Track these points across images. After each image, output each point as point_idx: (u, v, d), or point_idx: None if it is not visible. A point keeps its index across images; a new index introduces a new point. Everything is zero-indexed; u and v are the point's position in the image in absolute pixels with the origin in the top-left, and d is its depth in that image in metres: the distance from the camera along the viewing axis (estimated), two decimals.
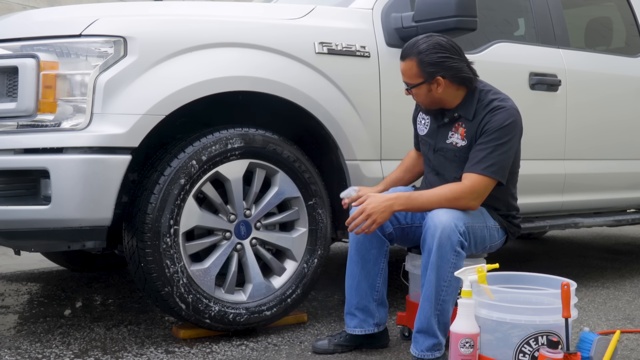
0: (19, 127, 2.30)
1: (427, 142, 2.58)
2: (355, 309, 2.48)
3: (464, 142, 2.43)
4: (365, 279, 2.46)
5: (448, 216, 2.24)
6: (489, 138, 2.32)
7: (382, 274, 2.48)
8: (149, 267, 2.40)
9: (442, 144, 2.49)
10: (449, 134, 2.47)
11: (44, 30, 2.38)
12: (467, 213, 2.32)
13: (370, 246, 2.44)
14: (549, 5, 3.55)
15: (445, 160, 2.49)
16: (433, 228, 2.24)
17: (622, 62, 3.85)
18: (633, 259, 4.66)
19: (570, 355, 2.01)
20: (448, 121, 2.47)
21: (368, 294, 2.47)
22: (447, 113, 2.47)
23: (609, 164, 3.71)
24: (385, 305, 2.53)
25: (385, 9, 2.93)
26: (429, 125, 2.57)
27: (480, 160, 2.31)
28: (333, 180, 2.83)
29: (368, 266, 2.45)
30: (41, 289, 3.52)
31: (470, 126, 2.41)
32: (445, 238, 2.21)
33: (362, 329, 2.48)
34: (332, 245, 2.87)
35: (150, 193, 2.40)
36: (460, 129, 2.44)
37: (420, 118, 2.63)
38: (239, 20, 2.62)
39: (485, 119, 2.36)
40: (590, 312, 3.13)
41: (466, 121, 2.42)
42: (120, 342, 2.58)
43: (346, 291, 2.50)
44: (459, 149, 2.44)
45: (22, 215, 2.26)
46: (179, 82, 2.39)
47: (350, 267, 2.48)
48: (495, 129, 2.32)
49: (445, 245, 2.22)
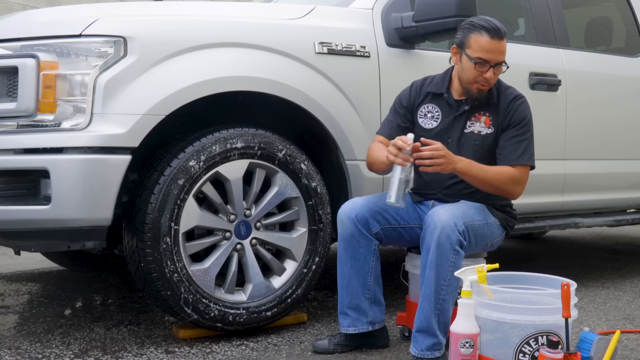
0: (19, 127, 2.30)
1: (437, 134, 2.51)
2: (348, 308, 2.47)
3: (489, 130, 2.49)
4: (355, 278, 2.45)
5: (448, 215, 2.26)
6: (524, 129, 2.47)
7: (372, 273, 2.46)
8: (149, 267, 2.40)
9: (459, 133, 2.50)
10: (468, 123, 2.50)
11: (44, 30, 2.38)
12: (468, 211, 2.34)
13: (357, 245, 2.43)
14: (549, 5, 3.55)
15: (460, 149, 2.48)
16: (432, 227, 2.25)
17: (622, 62, 3.85)
18: (633, 259, 4.66)
19: (570, 355, 2.01)
20: (468, 108, 2.49)
21: (359, 292, 2.46)
22: (465, 101, 2.50)
23: (609, 164, 3.70)
24: (380, 303, 2.51)
25: (385, 9, 2.93)
26: (440, 119, 2.54)
27: (524, 151, 2.45)
28: (333, 180, 2.83)
29: (357, 265, 2.44)
30: (41, 289, 3.52)
31: (494, 114, 2.49)
32: (444, 237, 2.22)
33: (356, 328, 2.47)
34: (332, 245, 2.87)
35: (150, 193, 2.40)
36: (482, 117, 2.49)
37: (425, 111, 2.57)
38: (239, 20, 2.62)
39: (511, 107, 2.48)
40: (590, 312, 3.13)
41: (490, 108, 2.49)
42: (120, 342, 2.58)
43: (338, 291, 2.50)
44: (483, 136, 2.49)
45: (22, 215, 2.27)
46: (179, 82, 2.39)
47: (340, 267, 2.47)
48: (525, 119, 2.48)
49: (444, 244, 2.23)
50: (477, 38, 2.40)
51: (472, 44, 2.41)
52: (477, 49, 2.40)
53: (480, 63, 2.40)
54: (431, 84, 2.59)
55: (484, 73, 2.41)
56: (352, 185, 2.78)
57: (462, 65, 2.46)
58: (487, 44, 2.39)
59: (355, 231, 2.41)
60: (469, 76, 2.44)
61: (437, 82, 2.58)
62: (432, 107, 2.56)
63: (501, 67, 2.44)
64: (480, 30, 2.40)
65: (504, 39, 2.42)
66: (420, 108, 2.58)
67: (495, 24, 2.41)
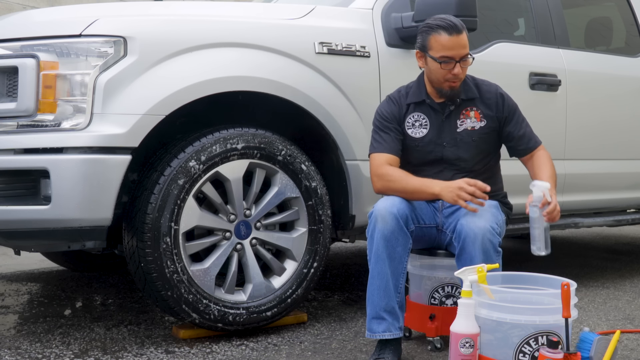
0: (19, 127, 2.30)
1: (430, 141, 2.49)
2: (384, 311, 2.31)
3: (482, 123, 2.52)
4: (391, 279, 2.31)
5: (483, 221, 2.28)
6: (520, 118, 2.57)
7: (404, 275, 2.35)
8: (149, 267, 2.40)
9: (453, 134, 2.50)
10: (458, 122, 2.51)
11: (44, 30, 2.38)
12: (492, 210, 2.37)
13: (396, 243, 2.30)
14: (549, 5, 3.55)
15: (458, 150, 2.50)
16: (473, 236, 2.26)
17: (622, 62, 3.85)
18: (633, 259, 4.66)
19: (570, 355, 2.01)
20: (454, 108, 2.50)
21: (393, 295, 2.32)
22: (447, 102, 2.50)
23: (609, 164, 3.70)
24: (404, 308, 2.40)
25: (385, 9, 2.93)
26: (428, 125, 2.51)
27: (531, 135, 2.58)
28: (333, 180, 2.83)
29: (393, 265, 2.31)
30: (41, 289, 3.52)
31: (482, 106, 2.52)
32: (487, 242, 2.26)
33: (391, 333, 2.31)
34: (332, 245, 2.87)
35: (150, 193, 2.40)
36: (471, 112, 2.51)
37: (412, 121, 2.52)
38: (238, 20, 2.62)
39: (499, 101, 2.53)
40: (590, 312, 3.13)
41: (475, 102, 2.51)
42: (120, 342, 2.58)
43: (372, 293, 2.32)
44: (477, 131, 2.51)
45: (22, 215, 2.27)
46: (179, 82, 2.39)
47: (378, 267, 2.30)
48: (516, 108, 2.57)
49: (489, 250, 2.27)
50: (437, 38, 2.40)
51: (433, 45, 2.41)
52: (438, 48, 2.40)
53: (445, 61, 2.40)
54: (409, 94, 2.54)
55: (452, 70, 2.40)
56: (352, 185, 2.78)
57: (429, 67, 2.46)
58: (447, 41, 2.39)
59: (396, 227, 2.29)
60: (438, 76, 2.43)
61: (415, 91, 2.54)
62: (417, 115, 2.52)
63: (467, 60, 2.43)
64: (437, 30, 2.41)
65: (463, 32, 2.41)
66: (406, 119, 2.52)
67: (451, 20, 2.41)
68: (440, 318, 2.49)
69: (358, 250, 4.89)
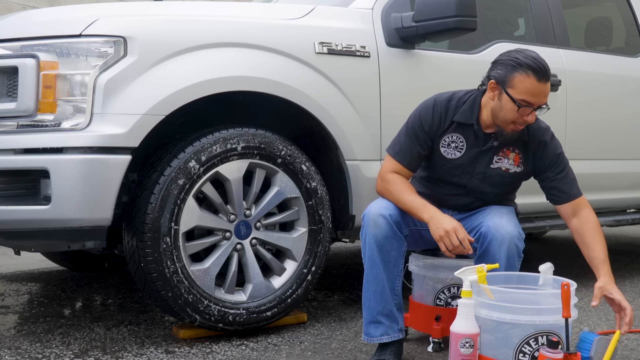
0: (19, 127, 2.30)
1: (459, 165, 2.40)
2: (381, 315, 2.31)
3: (518, 169, 2.41)
4: (387, 283, 2.30)
5: (511, 226, 2.27)
6: (562, 166, 2.40)
7: (400, 277, 2.34)
8: (149, 267, 2.40)
9: (485, 168, 2.39)
10: (495, 159, 2.39)
11: (44, 30, 2.38)
12: (513, 215, 2.38)
13: (390, 247, 2.28)
14: (549, 5, 3.55)
15: (483, 184, 2.42)
16: (500, 239, 2.25)
17: (622, 62, 3.85)
18: (633, 259, 4.66)
19: (570, 355, 2.01)
20: (497, 145, 2.36)
21: (390, 298, 2.31)
22: (494, 135, 2.35)
23: (609, 164, 3.70)
24: (402, 309, 2.39)
25: (385, 9, 2.92)
26: (464, 150, 2.38)
27: (573, 185, 2.42)
28: (333, 180, 2.83)
29: (389, 269, 2.29)
30: (41, 289, 3.52)
31: (523, 151, 2.40)
32: (513, 248, 2.26)
33: (389, 336, 2.32)
34: (332, 245, 2.87)
35: (150, 193, 2.40)
36: (511, 154, 2.39)
37: (448, 140, 2.38)
38: (238, 20, 2.62)
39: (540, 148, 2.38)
40: (590, 312, 3.13)
41: (519, 144, 2.38)
42: (120, 342, 2.58)
43: (367, 298, 2.32)
44: (511, 174, 2.41)
45: (22, 215, 2.27)
46: (179, 82, 2.39)
47: (373, 271, 2.29)
48: (558, 155, 2.40)
49: (513, 255, 2.27)
50: (523, 79, 2.19)
51: (516, 85, 2.20)
52: (522, 90, 2.20)
53: (524, 106, 2.21)
54: (458, 112, 2.37)
55: (526, 116, 2.23)
56: (352, 185, 2.78)
57: (502, 105, 2.25)
58: (534, 87, 2.19)
59: (390, 232, 2.26)
60: (508, 117, 2.25)
61: (466, 112, 2.36)
62: (456, 137, 2.37)
63: (543, 109, 2.26)
64: (526, 70, 2.19)
65: (550, 80, 2.23)
66: (443, 137, 2.38)
67: (543, 64, 2.20)
68: (446, 319, 2.46)
69: (358, 250, 4.89)
